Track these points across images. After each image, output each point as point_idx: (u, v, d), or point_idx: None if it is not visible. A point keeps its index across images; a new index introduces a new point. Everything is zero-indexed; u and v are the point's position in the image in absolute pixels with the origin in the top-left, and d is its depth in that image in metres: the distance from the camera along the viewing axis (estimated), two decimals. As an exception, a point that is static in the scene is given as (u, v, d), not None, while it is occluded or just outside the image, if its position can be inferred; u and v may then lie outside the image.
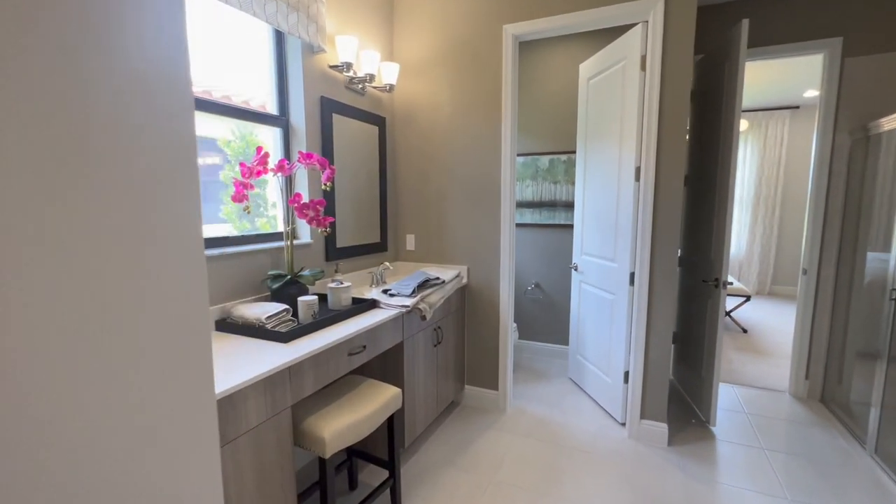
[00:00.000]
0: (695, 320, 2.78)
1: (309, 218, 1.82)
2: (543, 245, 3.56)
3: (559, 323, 3.59)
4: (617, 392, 2.56)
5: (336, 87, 2.31)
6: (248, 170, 1.71)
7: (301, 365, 1.44)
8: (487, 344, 2.74)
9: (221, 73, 1.91)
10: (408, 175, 2.84)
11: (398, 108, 2.80)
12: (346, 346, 1.67)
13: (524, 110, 3.50)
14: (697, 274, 2.75)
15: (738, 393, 2.98)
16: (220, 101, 1.79)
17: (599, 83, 2.70)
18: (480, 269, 2.69)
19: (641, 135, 2.29)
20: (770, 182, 5.94)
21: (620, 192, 2.48)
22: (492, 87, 2.54)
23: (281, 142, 2.12)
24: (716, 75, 2.55)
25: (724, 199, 2.37)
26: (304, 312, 1.73)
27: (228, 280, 1.75)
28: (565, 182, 3.44)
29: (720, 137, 2.46)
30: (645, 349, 2.38)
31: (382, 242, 2.76)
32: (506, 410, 2.73)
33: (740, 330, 4.39)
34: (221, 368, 1.30)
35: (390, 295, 2.08)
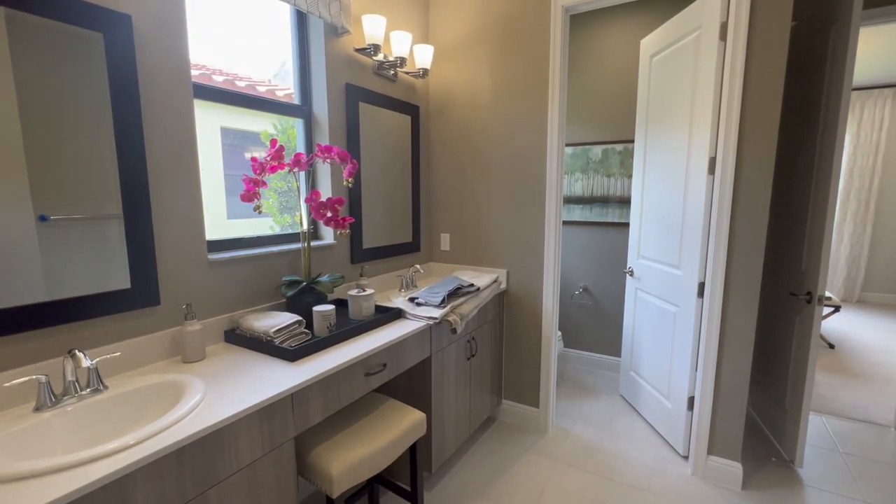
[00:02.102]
0: (776, 338, 2.36)
1: (326, 218, 1.64)
2: (594, 245, 3.21)
3: (610, 331, 3.24)
4: (679, 420, 2.21)
5: (363, 73, 2.10)
6: (260, 165, 1.55)
7: (307, 390, 1.26)
8: (528, 357, 2.46)
9: (245, 62, 1.76)
10: (443, 168, 2.60)
11: (433, 96, 2.56)
12: (363, 365, 1.47)
13: (574, 95, 3.15)
14: (782, 284, 2.31)
15: (828, 425, 2.52)
16: (232, 90, 1.63)
17: (666, 59, 2.32)
18: (521, 274, 2.42)
19: (718, 119, 1.91)
20: (864, 173, 5.15)
21: (689, 187, 2.11)
22: (537, 68, 2.24)
23: (303, 134, 1.95)
24: (816, 45, 2.10)
25: (824, 197, 1.94)
26: (318, 324, 1.56)
27: (240, 286, 1.60)
28: (620, 175, 3.06)
29: (819, 121, 2.02)
30: (716, 373, 2.01)
31: (415, 242, 2.55)
32: (547, 431, 2.46)
33: (826, 345, 3.81)
34: (214, 393, 1.14)
35: (417, 304, 1.86)
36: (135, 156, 1.26)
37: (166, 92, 1.34)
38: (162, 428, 0.95)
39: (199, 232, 1.46)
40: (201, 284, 1.47)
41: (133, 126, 1.25)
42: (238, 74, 1.85)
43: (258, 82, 1.88)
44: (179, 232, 1.40)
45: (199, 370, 1.29)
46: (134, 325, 1.29)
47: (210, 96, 1.57)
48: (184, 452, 0.96)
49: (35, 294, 1.09)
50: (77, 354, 1.02)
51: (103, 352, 1.22)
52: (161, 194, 1.34)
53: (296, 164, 1.62)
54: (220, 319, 1.52)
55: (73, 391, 1.07)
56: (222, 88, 1.61)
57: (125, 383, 1.16)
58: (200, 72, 1.70)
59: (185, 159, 1.40)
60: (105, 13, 1.17)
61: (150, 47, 1.29)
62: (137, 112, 1.25)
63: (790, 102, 2.32)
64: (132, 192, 1.26)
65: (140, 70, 1.27)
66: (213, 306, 1.51)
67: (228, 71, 1.81)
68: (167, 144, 1.35)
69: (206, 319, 1.49)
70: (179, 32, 1.36)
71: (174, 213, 1.38)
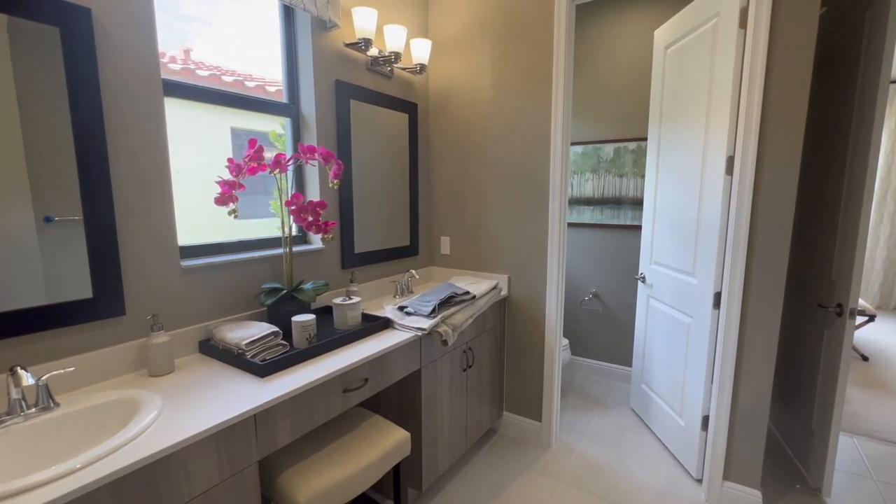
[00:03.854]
0: (804, 352, 2.17)
1: (307, 223, 1.54)
2: (605, 249, 3.05)
3: (621, 340, 3.07)
4: (692, 439, 2.05)
5: (356, 69, 2.01)
6: (237, 166, 1.47)
7: (274, 410, 1.16)
8: (530, 368, 2.33)
9: (236, 57, 1.68)
10: (443, 169, 2.49)
11: (433, 93, 2.45)
12: (341, 380, 1.37)
13: (584, 90, 2.99)
14: (809, 294, 2.12)
15: (860, 448, 2.31)
16: (210, 87, 1.55)
17: (680, 51, 2.15)
18: (523, 280, 2.29)
19: (737, 115, 1.75)
20: (903, 172, 4.80)
21: (704, 188, 1.94)
22: (541, 62, 2.10)
23: (290, 133, 1.87)
24: (848, 33, 1.90)
25: (857, 201, 1.75)
26: (297, 335, 1.47)
27: (218, 294, 1.52)
28: (633, 175, 2.89)
29: (853, 115, 1.83)
30: (732, 392, 1.85)
31: (413, 246, 2.45)
32: (550, 446, 2.32)
33: (859, 357, 3.54)
34: (171, 412, 1.06)
35: (406, 313, 1.76)
36: (95, 155, 1.18)
37: (132, 89, 1.26)
38: (100, 455, 0.87)
39: (171, 237, 1.38)
40: (173, 293, 1.40)
41: (93, 124, 1.17)
42: (226, 70, 1.77)
43: (248, 78, 1.81)
44: (148, 237, 1.32)
45: (164, 385, 1.21)
46: (96, 336, 1.23)
47: (187, 94, 1.49)
48: (123, 483, 0.87)
49: (-17, 305, 1.02)
50: (18, 372, 0.95)
51: (61, 365, 1.15)
52: (126, 197, 1.27)
53: (276, 165, 1.53)
54: (193, 329, 1.45)
55: (19, 410, 1.00)
56: (200, 86, 1.53)
57: (79, 400, 1.09)
58: (181, 66, 1.63)
59: (154, 160, 1.32)
60: (61, 6, 1.10)
61: (114, 43, 1.22)
62: (98, 110, 1.18)
63: (819, 97, 2.13)
64: (93, 195, 1.19)
65: (102, 66, 1.20)
66: (187, 316, 1.44)
67: (214, 66, 1.74)
68: (134, 144, 1.28)
69: (179, 329, 1.41)
70: (147, 26, 1.28)
71: (142, 217, 1.31)
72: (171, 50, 1.62)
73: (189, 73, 1.69)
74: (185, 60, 1.71)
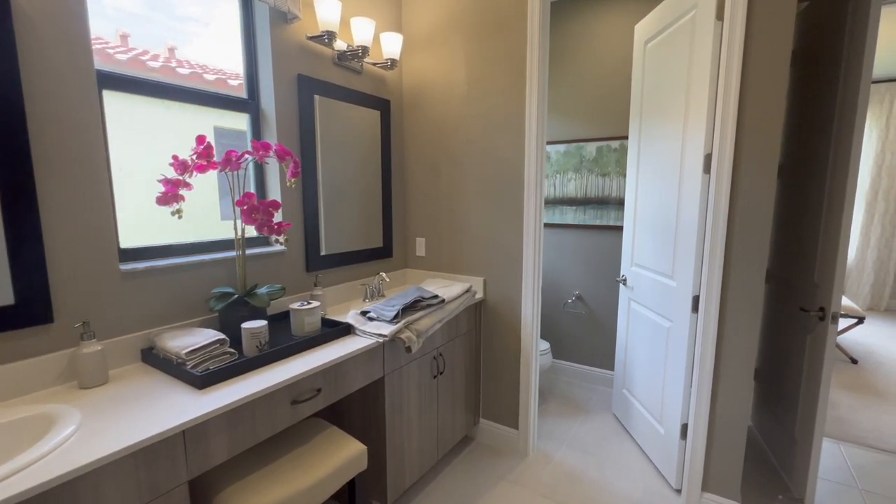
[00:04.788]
0: (786, 355, 2.10)
1: (259, 223, 1.46)
2: (588, 250, 2.97)
3: (605, 343, 3.00)
4: (672, 448, 1.97)
5: (321, 63, 1.93)
6: (182, 164, 1.38)
7: (207, 426, 1.08)
8: (506, 374, 2.25)
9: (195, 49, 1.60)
10: (417, 168, 2.41)
11: (407, 89, 2.37)
12: (290, 391, 1.29)
13: (566, 88, 2.92)
14: (792, 297, 2.05)
15: (846, 456, 2.24)
16: (155, 80, 1.47)
17: (660, 45, 2.08)
18: (499, 283, 2.21)
19: (715, 110, 1.68)
20: (893, 171, 4.76)
21: (683, 187, 1.87)
22: (515, 58, 2.03)
23: (250, 130, 1.79)
24: (830, 29, 1.84)
25: (839, 201, 1.68)
26: (247, 343, 1.38)
27: (164, 299, 1.44)
28: (617, 174, 2.82)
29: (835, 113, 1.76)
30: (711, 400, 1.77)
31: (386, 248, 2.37)
32: (527, 455, 2.24)
33: (848, 360, 3.48)
34: (90, 429, 0.97)
35: (369, 318, 1.68)
36: (13, 147, 1.10)
37: (61, 80, 1.18)
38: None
39: (109, 239, 1.30)
40: (112, 298, 1.31)
41: (11, 114, 1.09)
42: (212, 69, 1.70)
43: (207, 70, 1.72)
44: (82, 239, 1.24)
45: (92, 399, 1.13)
46: (19, 346, 1.14)
47: (131, 88, 1.41)
48: (17, 512, 0.79)
49: None
50: (-90, 388, 0.87)
51: (-24, 378, 1.06)
52: (54, 194, 1.18)
53: (227, 163, 1.45)
54: (135, 337, 1.36)
55: (-83, 428, 0.91)
56: (144, 79, 1.45)
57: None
58: (161, 64, 1.55)
59: (89, 155, 1.24)
60: (-27, -10, 1.02)
61: (37, 31, 1.13)
62: (18, 99, 1.09)
63: (802, 96, 2.06)
64: (12, 189, 1.10)
65: (23, 55, 1.11)
66: (128, 323, 1.35)
67: (200, 65, 1.67)
68: (63, 138, 1.19)
69: (118, 337, 1.33)
70: (76, 16, 1.20)
71: (74, 217, 1.22)
72: (156, 48, 1.59)
73: (170, 72, 1.63)
74: (168, 59, 1.66)
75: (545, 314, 3.21)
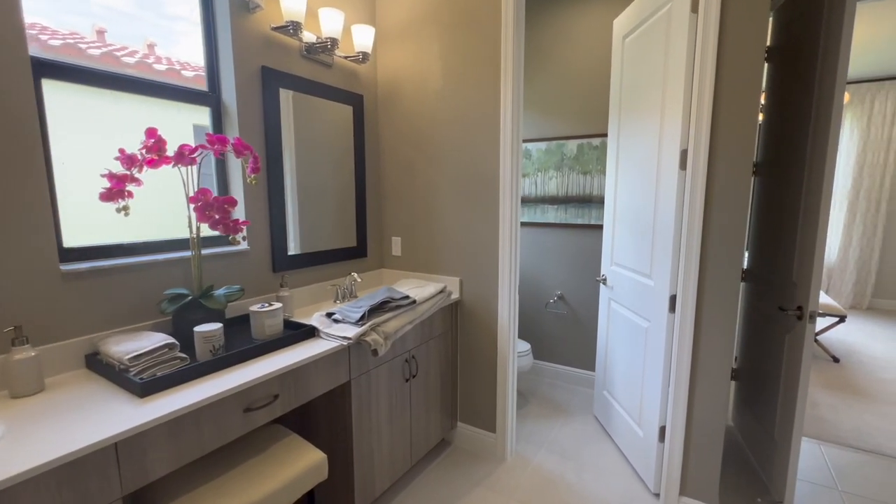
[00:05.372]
0: (765, 354, 2.06)
1: (213, 220, 1.39)
2: (570, 249, 2.93)
3: (587, 344, 2.95)
4: (650, 451, 1.93)
5: (287, 55, 1.86)
6: (129, 158, 1.30)
7: (144, 438, 1.01)
8: (483, 376, 2.20)
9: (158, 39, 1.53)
10: (392, 165, 2.35)
11: (381, 84, 2.31)
12: (242, 398, 1.22)
13: (546, 85, 2.87)
14: (771, 296, 2.02)
15: (826, 455, 2.21)
16: (100, 70, 1.39)
17: (637, 40, 2.04)
18: (475, 283, 2.15)
19: (690, 105, 1.63)
20: (874, 171, 4.79)
21: (660, 184, 1.83)
22: (489, 53, 1.97)
23: (211, 125, 1.71)
24: (807, 26, 1.81)
25: (817, 198, 1.65)
26: (199, 347, 1.31)
27: (113, 301, 1.36)
28: (598, 172, 2.78)
29: (812, 111, 1.73)
30: (688, 402, 1.73)
31: (360, 247, 2.30)
32: (505, 459, 2.19)
33: (830, 358, 3.48)
34: (14, 442, 0.89)
35: (334, 320, 1.61)
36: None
37: (-11, 68, 1.10)
38: None
39: (47, 238, 1.22)
40: (52, 301, 1.23)
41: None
42: (161, 58, 1.63)
43: (187, 67, 1.65)
44: (13, 238, 1.16)
45: (22, 408, 1.05)
46: (-58, 353, 1.06)
47: (72, 76, 1.33)
48: (-90, 538, 0.71)
49: None
50: None
51: None
52: (-17, 193, 1.10)
53: (179, 158, 1.38)
54: (79, 342, 1.28)
55: None
56: (89, 68, 1.36)
57: None
58: (103, 51, 1.47)
59: (23, 148, 1.16)
60: None
61: (-38, 12, 1.05)
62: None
63: (781, 92, 2.03)
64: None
65: (-56, 39, 1.03)
66: (71, 326, 1.27)
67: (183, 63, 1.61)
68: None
69: (60, 343, 1.25)
70: (6, 2, 1.12)
71: (3, 214, 1.14)
72: (135, 44, 1.57)
73: (146, 68, 1.57)
74: (147, 55, 1.60)
75: (527, 314, 3.16)
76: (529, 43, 2.89)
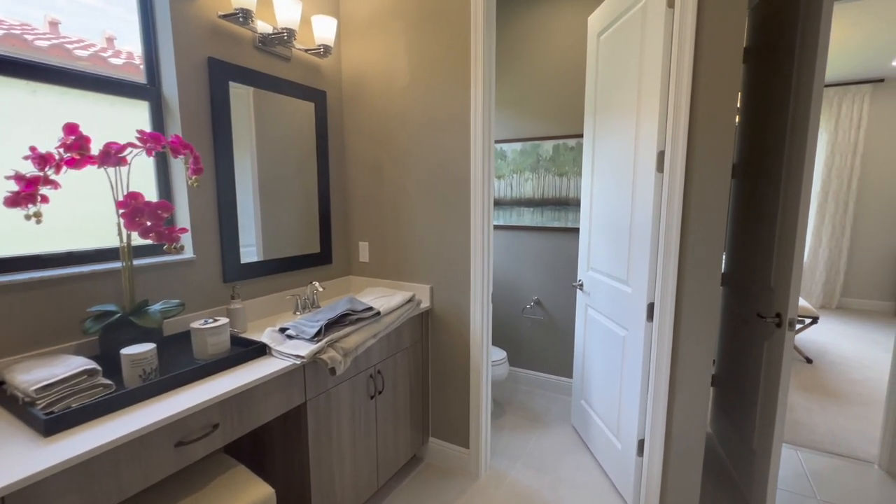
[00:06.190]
0: (744, 361, 2.01)
1: (145, 228, 1.23)
2: (547, 253, 2.85)
3: (565, 350, 2.88)
4: (629, 465, 1.85)
5: (238, 46, 1.70)
6: (41, 158, 1.14)
7: (43, 487, 0.85)
8: (456, 389, 2.08)
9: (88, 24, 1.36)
10: (359, 166, 2.21)
11: (347, 80, 2.17)
12: (173, 431, 1.07)
13: (521, 83, 2.79)
14: (749, 301, 1.97)
15: (804, 462, 2.18)
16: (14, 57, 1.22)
17: (612, 37, 1.96)
18: (446, 290, 2.04)
19: (667, 103, 1.56)
20: (843, 173, 4.89)
21: (637, 187, 1.75)
22: (458, 48, 1.86)
23: (150, 121, 1.55)
24: (783, 25, 1.76)
25: (794, 205, 1.59)
26: (127, 372, 1.15)
27: (26, 320, 1.19)
28: (574, 174, 2.70)
29: (789, 113, 1.68)
30: (667, 416, 1.66)
31: (324, 253, 2.16)
32: (479, 476, 2.08)
33: (803, 359, 3.50)
34: None
35: (287, 336, 1.47)
36: None
37: None
38: None
39: (-61, 250, 1.04)
40: (-55, 323, 1.06)
41: None
42: (120, 52, 1.48)
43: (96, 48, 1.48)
44: None
45: None
46: None
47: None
48: None
49: None
50: None
51: None
52: None
53: (105, 158, 1.22)
54: (-19, 369, 1.11)
55: None
56: None
57: None
58: (51, 43, 1.30)
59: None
60: None
61: None
62: None
63: (757, 93, 1.98)
64: None
65: None
66: (-29, 351, 1.10)
67: (103, 48, 1.46)
68: None
69: (-44, 370, 1.07)
70: None
71: None
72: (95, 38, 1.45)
73: (101, 61, 1.45)
74: (104, 49, 1.47)
75: (503, 321, 3.06)
76: (502, 40, 2.79)
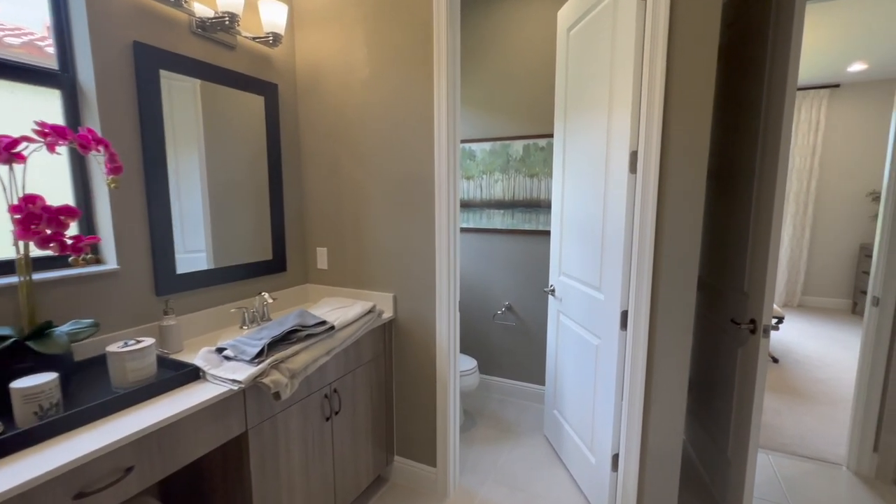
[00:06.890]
0: (717, 367, 1.97)
1: (43, 238, 1.04)
2: (519, 256, 2.75)
3: (538, 356, 2.79)
4: (603, 480, 1.76)
5: (171, 31, 1.52)
6: None
7: None
8: (421, 403, 1.95)
9: None
10: (315, 165, 2.05)
11: (301, 72, 2.01)
12: (69, 481, 0.89)
13: (490, 80, 2.68)
14: (723, 306, 1.92)
15: (776, 467, 2.16)
16: None
17: (582, 32, 1.87)
18: (410, 298, 1.90)
19: (640, 101, 1.47)
20: (802, 175, 5.03)
21: (609, 188, 1.66)
22: (420, 41, 1.73)
23: (62, 114, 1.34)
24: (755, 23, 1.71)
25: (768, 209, 1.54)
26: (19, 410, 0.96)
27: None
28: (545, 175, 2.62)
29: (762, 114, 1.63)
30: (642, 429, 1.57)
31: (278, 260, 1.98)
32: (447, 495, 1.95)
33: (770, 359, 3.54)
34: None
35: (225, 357, 1.30)
36: None
37: None
38: None
39: None
40: None
41: None
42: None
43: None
44: None
45: None
46: None
47: None
48: None
49: None
50: None
51: None
52: None
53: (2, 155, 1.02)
54: None
55: None
56: None
57: None
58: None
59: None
60: None
61: None
62: None
63: (728, 93, 1.94)
64: None
65: None
66: None
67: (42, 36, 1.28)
68: None
69: None
70: None
71: None
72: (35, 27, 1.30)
73: (35, 50, 1.31)
74: (43, 37, 1.32)
75: (473, 327, 2.95)
76: (471, 36, 2.68)
